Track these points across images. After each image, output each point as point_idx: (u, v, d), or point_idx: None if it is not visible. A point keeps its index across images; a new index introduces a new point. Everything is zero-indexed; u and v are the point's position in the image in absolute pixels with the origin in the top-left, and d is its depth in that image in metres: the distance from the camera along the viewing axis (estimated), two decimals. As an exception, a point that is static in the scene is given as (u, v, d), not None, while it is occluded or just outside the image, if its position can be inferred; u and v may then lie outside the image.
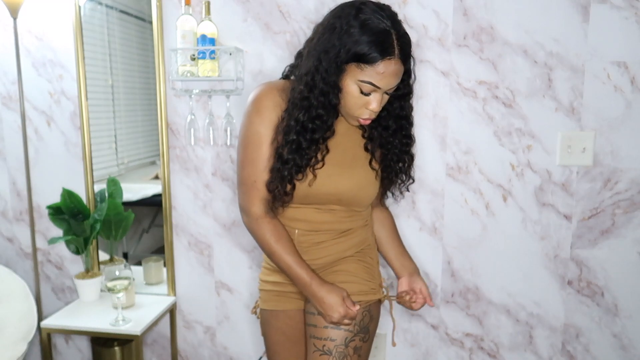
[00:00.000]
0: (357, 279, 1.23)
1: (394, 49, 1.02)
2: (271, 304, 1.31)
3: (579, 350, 1.71)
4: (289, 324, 1.30)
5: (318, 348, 1.17)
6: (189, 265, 1.88)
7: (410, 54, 1.07)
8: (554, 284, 1.68)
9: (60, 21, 1.82)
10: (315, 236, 1.21)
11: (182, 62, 1.66)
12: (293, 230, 1.20)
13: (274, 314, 1.31)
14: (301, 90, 1.09)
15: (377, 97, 1.06)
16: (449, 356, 1.78)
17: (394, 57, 1.02)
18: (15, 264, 2.03)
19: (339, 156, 1.16)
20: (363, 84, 1.04)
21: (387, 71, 1.03)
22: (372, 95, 1.06)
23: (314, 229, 1.20)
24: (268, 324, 1.33)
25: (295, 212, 1.19)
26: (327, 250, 1.22)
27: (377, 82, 1.04)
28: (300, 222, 1.20)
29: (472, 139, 1.64)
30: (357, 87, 1.06)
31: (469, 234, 1.69)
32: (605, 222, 1.62)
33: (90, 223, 1.79)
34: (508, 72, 1.58)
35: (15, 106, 1.91)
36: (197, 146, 1.79)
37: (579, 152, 1.58)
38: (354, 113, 1.10)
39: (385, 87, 1.05)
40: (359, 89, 1.06)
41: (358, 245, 1.26)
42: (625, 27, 1.52)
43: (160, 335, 1.96)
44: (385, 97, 1.09)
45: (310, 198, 1.17)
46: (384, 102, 1.10)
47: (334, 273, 1.23)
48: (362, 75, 1.04)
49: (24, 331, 1.71)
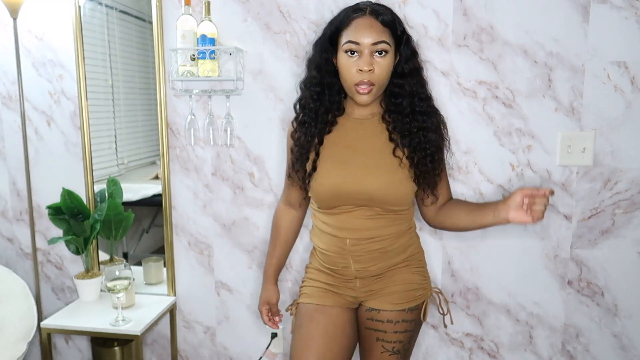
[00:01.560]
0: (411, 286, 1.35)
1: (364, 9, 1.19)
2: (319, 299, 1.37)
3: (579, 350, 1.71)
4: (333, 321, 1.34)
5: (387, 349, 1.31)
6: (189, 265, 1.88)
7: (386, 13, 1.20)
8: (554, 284, 1.68)
9: (60, 21, 1.82)
10: (365, 245, 1.30)
11: (182, 62, 1.66)
12: (344, 240, 1.30)
13: (319, 308, 1.36)
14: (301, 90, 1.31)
15: (364, 57, 1.17)
16: (449, 356, 1.78)
17: (364, 13, 1.18)
18: (15, 264, 2.03)
19: (365, 157, 1.27)
20: (346, 46, 1.19)
21: (360, 26, 1.17)
22: (358, 55, 1.18)
23: (362, 237, 1.29)
24: (309, 318, 1.35)
25: (341, 220, 1.29)
26: (379, 258, 1.31)
27: (354, 38, 1.17)
28: (348, 231, 1.29)
29: (472, 139, 1.64)
30: (345, 54, 1.20)
31: (468, 234, 1.69)
32: (605, 222, 1.62)
33: (90, 223, 1.79)
34: (508, 72, 1.58)
35: (15, 106, 1.91)
36: (197, 146, 1.80)
37: (579, 152, 1.58)
38: (351, 82, 1.20)
39: (362, 40, 1.16)
40: (346, 54, 1.19)
41: (406, 251, 1.35)
42: (625, 27, 1.52)
43: (160, 335, 1.96)
44: (377, 59, 1.18)
45: (343, 198, 1.26)
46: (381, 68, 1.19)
47: (390, 279, 1.34)
48: (344, 39, 1.19)
49: (24, 331, 1.71)
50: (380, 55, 1.18)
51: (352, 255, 1.30)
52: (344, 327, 1.35)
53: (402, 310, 1.32)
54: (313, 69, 1.28)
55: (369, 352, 1.35)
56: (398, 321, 1.31)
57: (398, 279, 1.34)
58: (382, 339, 1.32)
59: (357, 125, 1.30)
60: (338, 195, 1.26)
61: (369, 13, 1.18)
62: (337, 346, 1.32)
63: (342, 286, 1.36)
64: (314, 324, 1.33)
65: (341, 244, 1.30)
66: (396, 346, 1.31)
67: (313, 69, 1.28)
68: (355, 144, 1.28)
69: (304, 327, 1.35)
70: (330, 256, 1.34)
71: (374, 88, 1.20)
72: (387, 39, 1.18)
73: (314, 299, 1.38)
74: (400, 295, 1.33)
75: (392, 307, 1.32)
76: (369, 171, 1.25)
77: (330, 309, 1.35)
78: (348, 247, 1.30)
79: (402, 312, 1.32)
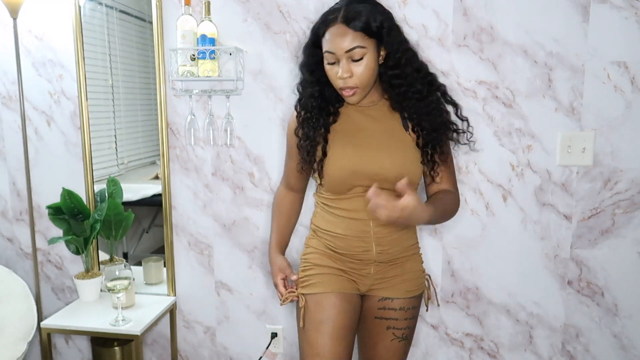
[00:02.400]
0: (418, 274, 1.40)
1: (335, 16, 1.19)
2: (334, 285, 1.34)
3: (579, 350, 1.71)
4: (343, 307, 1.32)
5: (397, 337, 1.36)
6: (189, 265, 1.88)
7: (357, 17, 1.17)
8: (554, 284, 1.68)
9: (60, 21, 1.82)
10: (387, 227, 1.31)
11: (182, 62, 1.66)
12: (368, 223, 1.30)
13: (332, 295, 1.34)
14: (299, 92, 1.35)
15: (342, 64, 1.19)
16: (449, 356, 1.78)
17: (335, 22, 1.18)
18: (15, 264, 2.03)
19: (377, 139, 1.29)
20: (325, 56, 1.22)
21: (332, 35, 1.19)
22: (337, 63, 1.21)
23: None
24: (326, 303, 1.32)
25: (358, 203, 1.30)
26: (398, 240, 1.34)
27: (329, 48, 1.20)
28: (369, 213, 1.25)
29: (472, 139, 1.64)
30: (326, 61, 1.23)
31: (469, 234, 1.69)
32: (605, 222, 1.62)
33: (90, 223, 1.79)
34: (508, 72, 1.58)
35: (15, 106, 1.91)
36: (197, 146, 1.79)
37: (579, 152, 1.58)
38: (336, 87, 1.25)
39: (336, 50, 1.18)
40: (327, 62, 1.23)
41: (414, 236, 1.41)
42: (625, 27, 1.52)
43: (160, 335, 1.96)
44: (353, 64, 1.19)
45: (357, 178, 1.28)
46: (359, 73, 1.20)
47: (402, 267, 1.37)
48: (323, 47, 1.22)
49: (24, 331, 1.71)
50: (356, 61, 1.19)
51: (375, 237, 1.31)
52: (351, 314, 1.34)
53: (412, 298, 1.38)
54: (306, 72, 1.32)
55: (378, 341, 1.37)
56: (409, 308, 1.37)
57: (409, 267, 1.37)
58: (393, 326, 1.35)
59: (362, 112, 1.32)
60: (352, 175, 1.28)
61: (340, 21, 1.18)
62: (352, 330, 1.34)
63: (355, 273, 1.35)
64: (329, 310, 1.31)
65: (364, 226, 1.31)
66: (405, 332, 1.37)
67: (306, 72, 1.32)
68: (364, 127, 1.31)
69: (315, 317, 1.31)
70: (349, 240, 1.32)
71: (358, 89, 1.22)
72: (361, 42, 1.18)
73: (328, 286, 1.33)
74: (411, 283, 1.37)
75: (405, 294, 1.36)
76: (382, 152, 1.28)
77: (344, 295, 1.34)
78: (372, 228, 1.31)
79: (412, 299, 1.38)
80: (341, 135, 1.32)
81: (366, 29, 1.18)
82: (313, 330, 1.31)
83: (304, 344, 1.33)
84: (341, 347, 1.29)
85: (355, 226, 1.32)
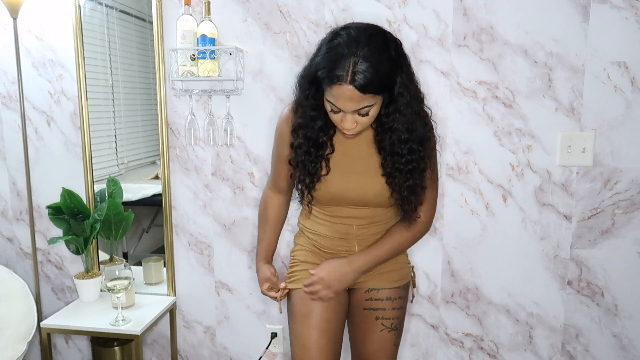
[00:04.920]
0: (402, 265, 1.44)
1: (344, 75, 1.06)
2: None
3: (579, 350, 1.71)
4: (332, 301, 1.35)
5: (386, 327, 1.39)
6: (189, 265, 1.88)
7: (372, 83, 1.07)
8: (554, 284, 1.68)
9: (60, 21, 1.82)
10: (371, 228, 1.35)
11: (182, 62, 1.66)
12: (351, 226, 1.35)
13: None
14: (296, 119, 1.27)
15: (347, 116, 1.13)
16: (449, 356, 1.78)
17: (344, 82, 1.07)
18: (15, 264, 2.03)
19: (361, 165, 1.30)
20: (328, 105, 1.15)
21: (340, 95, 1.09)
22: (342, 114, 1.14)
23: (367, 223, 1.34)
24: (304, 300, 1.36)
25: (344, 210, 1.34)
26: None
27: (335, 103, 1.12)
28: (354, 219, 1.34)
29: (472, 139, 1.64)
30: (328, 105, 1.15)
31: (469, 234, 1.69)
32: (605, 222, 1.62)
33: (90, 223, 1.79)
34: (508, 72, 1.58)
35: (15, 106, 1.91)
36: (197, 146, 1.79)
37: (579, 152, 1.58)
38: (337, 126, 1.20)
39: (344, 108, 1.11)
40: (330, 107, 1.15)
41: None
42: (625, 27, 1.52)
43: (160, 335, 1.96)
44: (359, 117, 1.14)
45: (343, 202, 1.32)
46: (364, 123, 1.16)
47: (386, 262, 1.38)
48: (327, 95, 1.13)
49: (24, 331, 1.71)
50: (362, 116, 1.14)
51: (357, 238, 1.36)
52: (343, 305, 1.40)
53: (398, 288, 1.41)
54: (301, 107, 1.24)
55: (368, 332, 1.41)
56: (395, 298, 1.40)
57: (393, 260, 1.39)
58: (382, 316, 1.39)
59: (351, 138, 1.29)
60: (339, 200, 1.32)
61: (348, 82, 1.06)
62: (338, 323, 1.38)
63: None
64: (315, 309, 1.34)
65: (347, 229, 1.35)
66: (394, 322, 1.40)
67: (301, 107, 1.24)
68: (351, 152, 1.30)
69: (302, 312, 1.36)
70: (333, 240, 1.38)
71: (360, 131, 1.21)
72: (370, 101, 1.11)
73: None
74: (395, 274, 1.41)
75: (390, 284, 1.40)
76: (366, 179, 1.29)
77: None
78: (355, 231, 1.35)
79: (398, 289, 1.41)
80: (335, 158, 1.31)
81: (377, 91, 1.10)
82: (299, 323, 1.36)
83: (292, 337, 1.39)
84: (325, 340, 1.33)
85: (339, 228, 1.36)
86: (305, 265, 1.41)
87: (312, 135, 1.26)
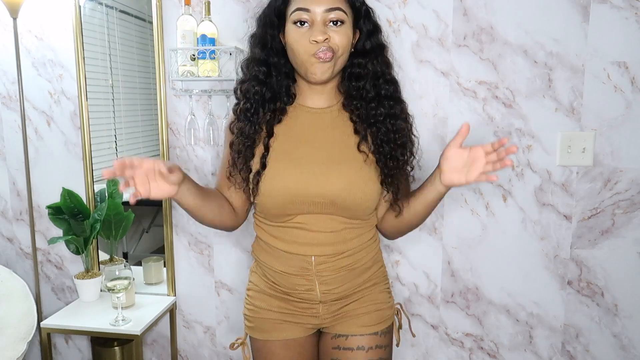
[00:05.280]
0: (380, 305, 1.18)
1: None
2: (277, 333, 1.17)
3: (579, 350, 1.71)
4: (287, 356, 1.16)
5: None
6: (189, 265, 1.88)
7: None
8: (554, 284, 1.68)
9: (60, 21, 1.82)
10: (333, 262, 1.10)
11: (182, 62, 1.66)
12: (308, 258, 1.09)
13: (281, 344, 1.16)
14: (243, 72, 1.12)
15: (316, 26, 1.00)
16: (449, 356, 1.78)
17: None
18: (15, 264, 2.03)
19: (325, 153, 1.07)
20: (294, 15, 1.02)
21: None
22: (310, 26, 1.01)
23: (328, 253, 1.09)
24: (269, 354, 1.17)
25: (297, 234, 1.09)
26: (347, 277, 1.12)
27: (303, 4, 1.01)
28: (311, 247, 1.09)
29: (472, 139, 1.63)
30: (294, 26, 1.02)
31: (469, 234, 1.69)
32: (605, 222, 1.62)
33: (90, 223, 1.79)
34: (508, 72, 1.58)
35: (15, 106, 1.91)
36: (197, 146, 1.79)
37: (579, 152, 1.58)
38: (305, 54, 1.02)
39: (313, 6, 1.00)
40: (295, 25, 1.02)
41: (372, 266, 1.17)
42: (625, 27, 1.52)
43: (160, 335, 1.96)
44: (332, 29, 1.01)
45: (298, 204, 1.05)
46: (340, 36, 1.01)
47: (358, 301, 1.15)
48: (292, 7, 1.03)
49: (23, 331, 1.71)
50: (335, 26, 1.01)
51: (318, 275, 1.10)
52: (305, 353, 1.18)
53: (375, 334, 1.14)
54: (256, 46, 1.09)
55: None
56: (371, 347, 1.13)
57: (367, 300, 1.16)
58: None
59: (313, 116, 1.11)
60: (292, 200, 1.05)
61: None
62: None
63: (301, 313, 1.15)
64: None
65: (304, 263, 1.09)
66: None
67: (256, 46, 1.09)
68: (311, 138, 1.08)
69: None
70: (290, 277, 1.11)
71: (335, 57, 1.02)
72: (343, 6, 1.01)
73: (271, 334, 1.17)
74: (370, 317, 1.15)
75: (362, 330, 1.14)
76: (330, 169, 1.05)
77: (292, 342, 1.16)
78: (314, 266, 1.09)
79: (374, 336, 1.14)
80: (284, 146, 1.08)
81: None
82: None
83: None
84: None
85: (295, 262, 1.10)
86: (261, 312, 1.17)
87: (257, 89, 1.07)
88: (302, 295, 1.13)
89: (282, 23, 1.06)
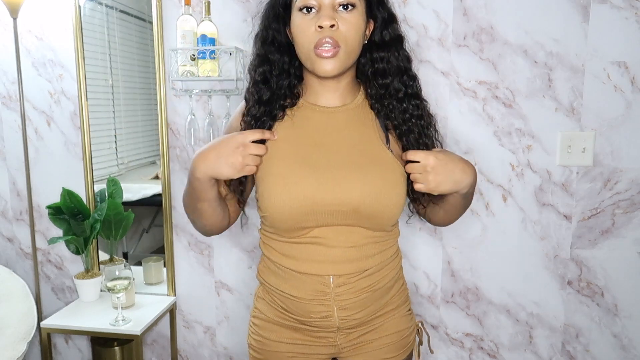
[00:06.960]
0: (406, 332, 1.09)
1: None
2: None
3: (579, 350, 1.71)
4: None
5: None
6: (189, 265, 1.88)
7: None
8: (554, 284, 1.68)
9: (60, 21, 1.82)
10: (354, 284, 0.98)
11: (182, 62, 1.66)
12: (326, 279, 0.97)
13: None
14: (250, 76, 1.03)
15: (324, 10, 0.90)
16: (449, 356, 1.78)
17: None
18: (15, 264, 2.03)
19: (344, 156, 0.96)
20: (300, 1, 0.92)
21: None
22: (317, 11, 0.91)
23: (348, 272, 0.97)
24: None
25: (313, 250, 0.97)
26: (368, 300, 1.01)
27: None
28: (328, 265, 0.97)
29: (472, 139, 1.64)
30: (299, 13, 0.93)
31: (469, 234, 1.69)
32: (605, 222, 1.62)
33: (90, 223, 1.79)
34: (508, 72, 1.58)
35: (15, 106, 1.91)
36: (197, 146, 1.79)
37: (579, 152, 1.58)
38: (309, 46, 0.92)
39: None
40: (301, 12, 0.92)
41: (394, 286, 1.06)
42: (625, 27, 1.52)
43: (160, 335, 1.96)
44: (341, 14, 0.91)
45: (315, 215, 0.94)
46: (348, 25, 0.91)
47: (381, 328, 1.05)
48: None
49: (23, 331, 1.71)
50: (346, 10, 0.91)
51: (336, 299, 0.97)
52: None
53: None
54: (257, 43, 1.01)
55: None
56: None
57: (390, 327, 1.05)
58: None
59: (327, 116, 1.00)
60: (309, 211, 0.92)
61: None
62: None
63: (316, 344, 1.04)
64: None
65: (321, 285, 0.97)
66: None
67: (257, 43, 1.01)
68: (327, 140, 0.97)
69: None
70: (304, 305, 0.98)
71: (340, 51, 0.91)
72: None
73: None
74: (392, 347, 1.06)
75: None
76: (351, 173, 0.94)
77: None
78: (332, 288, 0.96)
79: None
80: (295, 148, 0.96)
81: None
82: None
83: None
84: None
85: (310, 284, 0.97)
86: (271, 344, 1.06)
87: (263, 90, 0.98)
88: (318, 323, 1.00)
89: (288, 14, 0.97)
